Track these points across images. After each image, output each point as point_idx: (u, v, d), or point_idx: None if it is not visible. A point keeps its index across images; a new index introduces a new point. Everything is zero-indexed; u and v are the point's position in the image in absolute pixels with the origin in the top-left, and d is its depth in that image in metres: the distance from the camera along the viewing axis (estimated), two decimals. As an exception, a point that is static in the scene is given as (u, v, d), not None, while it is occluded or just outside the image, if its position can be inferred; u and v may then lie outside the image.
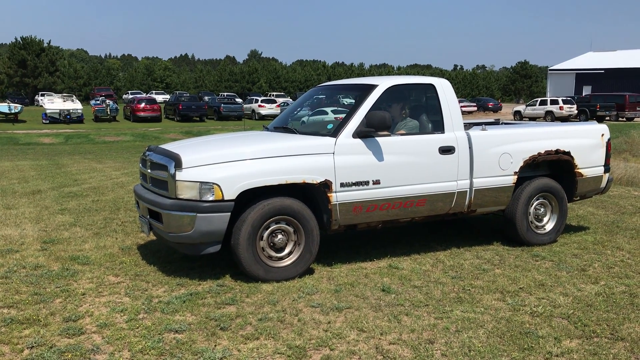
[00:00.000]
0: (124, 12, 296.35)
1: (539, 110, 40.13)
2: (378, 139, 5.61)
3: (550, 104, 40.35)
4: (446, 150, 5.92)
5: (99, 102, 41.61)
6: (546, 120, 37.95)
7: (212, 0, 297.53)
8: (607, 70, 57.58)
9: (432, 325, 4.28)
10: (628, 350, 3.90)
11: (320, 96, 7.78)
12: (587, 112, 38.98)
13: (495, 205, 6.40)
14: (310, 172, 5.25)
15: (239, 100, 53.91)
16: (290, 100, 55.80)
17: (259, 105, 45.52)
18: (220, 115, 42.85)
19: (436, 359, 3.76)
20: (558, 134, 6.71)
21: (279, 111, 45.85)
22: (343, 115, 5.92)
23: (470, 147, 6.06)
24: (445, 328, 4.23)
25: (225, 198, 4.97)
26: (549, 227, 6.70)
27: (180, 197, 5.03)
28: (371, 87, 5.89)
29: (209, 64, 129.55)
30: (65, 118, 35.22)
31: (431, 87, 6.13)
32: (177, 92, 61.92)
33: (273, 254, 5.27)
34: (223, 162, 5.09)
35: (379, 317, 4.43)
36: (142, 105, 39.82)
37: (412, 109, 6.26)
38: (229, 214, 5.02)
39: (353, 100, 6.11)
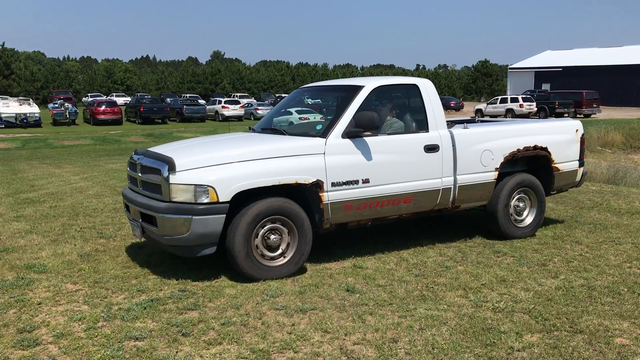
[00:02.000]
0: (82, 12, 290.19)
1: (500, 108, 40.87)
2: (366, 139, 5.72)
3: (511, 102, 41.14)
4: (431, 148, 6.07)
5: (57, 105, 40.59)
6: (506, 118, 38.64)
7: (174, 1, 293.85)
8: (564, 68, 59.02)
9: (396, 324, 4.29)
10: (587, 343, 3.97)
11: (305, 97, 7.93)
12: (546, 110, 39.87)
13: (477, 200, 6.58)
14: (302, 172, 5.34)
15: (202, 101, 53.35)
16: (254, 101, 55.48)
17: (223, 107, 45.14)
18: (183, 117, 42.34)
19: (400, 358, 3.77)
20: (535, 131, 6.92)
21: (243, 112, 45.64)
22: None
23: (454, 145, 6.23)
24: (409, 326, 4.24)
25: (220, 200, 5.02)
26: (529, 220, 6.91)
27: (175, 200, 5.05)
28: (357, 88, 5.99)
29: (171, 65, 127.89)
30: (21, 122, 34.27)
31: (415, 87, 6.28)
32: (139, 94, 60.84)
33: (267, 253, 5.33)
34: (216, 164, 5.13)
35: (343, 318, 4.41)
36: (103, 108, 39.06)
37: (397, 108, 6.39)
38: (224, 215, 5.06)
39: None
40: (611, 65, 55.81)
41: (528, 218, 6.92)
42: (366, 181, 5.66)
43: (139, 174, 5.55)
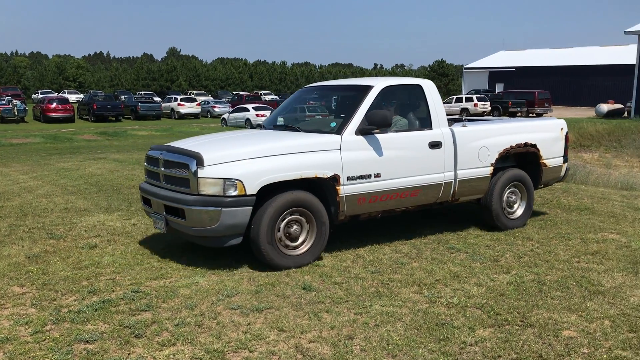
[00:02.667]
0: (32, 6, 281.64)
1: (455, 107, 41.54)
2: (377, 135, 6.05)
3: (465, 101, 41.87)
4: (435, 145, 6.44)
5: (4, 102, 39.27)
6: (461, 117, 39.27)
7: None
8: (517, 68, 60.42)
9: (351, 321, 4.30)
10: (536, 336, 4.07)
11: (313, 96, 8.36)
12: (499, 109, 40.73)
13: (475, 194, 7.00)
14: (321, 167, 5.66)
15: (157, 99, 52.54)
16: (212, 98, 54.90)
17: (179, 104, 44.56)
18: (138, 114, 41.61)
19: (355, 355, 3.78)
20: (526, 129, 7.40)
21: (200, 110, 45.11)
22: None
23: (454, 142, 6.61)
24: (365, 323, 4.26)
25: (248, 193, 5.30)
26: (519, 212, 7.36)
27: (203, 193, 5.29)
28: (368, 88, 6.32)
29: (125, 62, 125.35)
30: (-33, 119, 33.05)
31: (419, 87, 6.65)
32: (92, 91, 59.50)
33: (289, 243, 5.64)
34: (243, 159, 5.41)
35: (299, 316, 4.40)
36: (54, 105, 38.05)
37: (402, 107, 6.73)
38: (251, 207, 5.34)
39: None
40: (562, 66, 57.43)
41: (519, 210, 7.36)
42: (378, 175, 6.01)
43: (162, 169, 5.75)
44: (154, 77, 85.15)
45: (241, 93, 62.85)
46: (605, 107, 33.58)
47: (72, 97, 58.99)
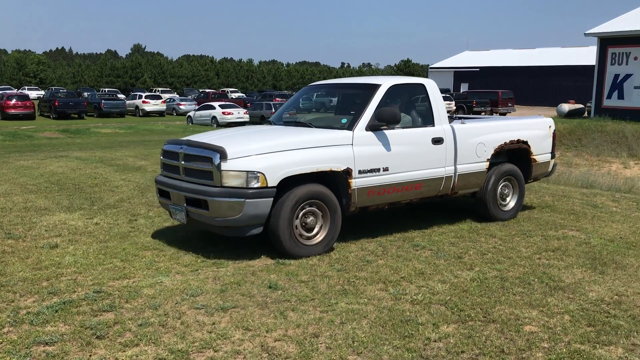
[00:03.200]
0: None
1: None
2: (385, 131, 6.39)
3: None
4: (437, 140, 6.84)
5: (-39, 98, 38.11)
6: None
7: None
8: (482, 68, 61.35)
9: (317, 319, 4.31)
10: (499, 331, 4.14)
11: (319, 94, 8.68)
12: (464, 108, 41.29)
13: (472, 187, 7.40)
14: (335, 161, 5.97)
15: (121, 96, 51.59)
16: (177, 96, 54.27)
17: (143, 101, 43.92)
18: (101, 111, 40.86)
19: (321, 353, 3.78)
20: (518, 126, 7.91)
21: (165, 107, 44.55)
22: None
23: (455, 138, 7.01)
24: (330, 321, 4.27)
25: (269, 185, 5.58)
26: (511, 205, 7.83)
27: (227, 185, 5.53)
28: (376, 86, 6.66)
29: (88, 58, 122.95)
30: None
31: (422, 86, 7.03)
32: (53, 87, 58.06)
33: (304, 233, 5.91)
34: (264, 153, 5.68)
35: (265, 315, 4.39)
36: (13, 101, 37.03)
37: (408, 105, 7.04)
38: (272, 198, 5.61)
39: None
40: (525, 66, 58.55)
41: (511, 203, 7.83)
42: (386, 169, 6.36)
43: (182, 162, 5.96)
44: (118, 74, 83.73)
45: (207, 90, 62.20)
46: (566, 107, 34.35)
47: (33, 94, 57.56)
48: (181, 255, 5.88)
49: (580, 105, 35.34)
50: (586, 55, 50.97)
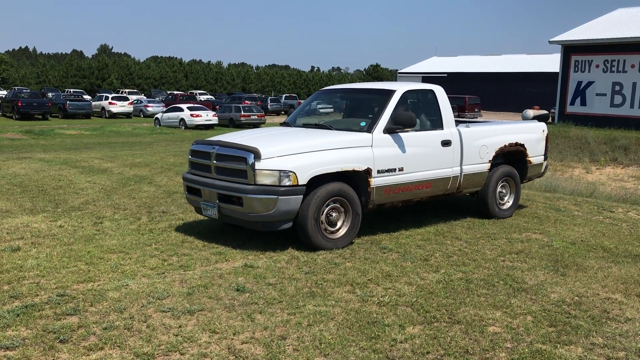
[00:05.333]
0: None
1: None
2: (400, 134, 6.84)
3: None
4: (446, 143, 7.32)
5: None
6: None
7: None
8: (449, 74, 62.18)
9: (285, 321, 4.31)
10: (463, 332, 4.21)
11: (334, 98, 9.26)
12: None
13: (475, 187, 7.88)
14: (357, 161, 6.40)
15: (87, 97, 50.67)
16: (144, 97, 53.56)
17: (110, 103, 43.24)
18: (67, 112, 40.04)
19: (288, 355, 3.79)
20: (516, 130, 8.41)
21: (132, 109, 43.94)
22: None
23: (461, 141, 7.49)
24: (298, 323, 4.28)
25: (299, 183, 5.98)
26: (509, 204, 8.34)
27: (261, 183, 5.92)
28: (391, 92, 7.09)
29: (53, 58, 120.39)
30: None
31: (432, 92, 7.51)
32: (16, 87, 56.70)
33: (329, 228, 6.33)
34: (293, 153, 6.08)
35: (232, 317, 4.37)
36: (-26, 101, 35.98)
37: (418, 109, 7.47)
38: (302, 196, 6.02)
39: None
40: (491, 72, 59.54)
41: (508, 202, 8.34)
42: (401, 169, 6.81)
43: (215, 162, 6.32)
44: (84, 74, 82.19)
45: (175, 92, 61.61)
46: (531, 113, 34.88)
47: (-5, 94, 56.08)
48: (147, 258, 5.82)
49: (545, 111, 35.92)
50: (550, 63, 52.15)
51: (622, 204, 10.62)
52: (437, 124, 7.38)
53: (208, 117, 34.78)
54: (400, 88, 7.17)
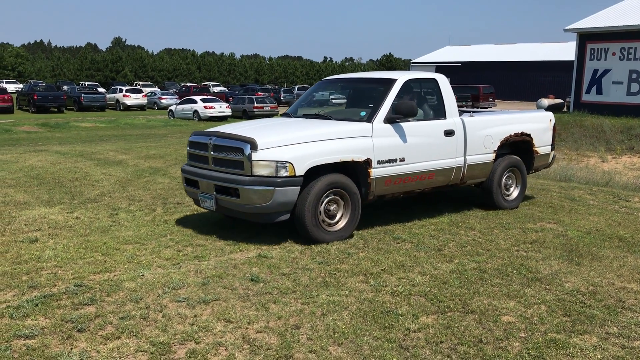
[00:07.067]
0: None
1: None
2: (402, 124, 6.69)
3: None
4: (449, 133, 7.17)
5: (-62, 91, 37.40)
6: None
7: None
8: (463, 63, 61.70)
9: (298, 310, 4.34)
10: (477, 322, 4.22)
11: (335, 88, 8.89)
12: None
13: (479, 177, 7.74)
14: (356, 151, 6.26)
15: (101, 89, 51.10)
16: (158, 90, 53.82)
17: (124, 95, 43.54)
18: (81, 105, 40.41)
19: (302, 344, 3.82)
20: (522, 120, 8.25)
21: (146, 101, 44.18)
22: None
23: (465, 131, 7.34)
24: (312, 312, 4.31)
25: (297, 174, 5.88)
26: (515, 194, 8.18)
27: (257, 174, 5.83)
28: (392, 81, 6.94)
29: (68, 52, 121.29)
30: None
31: (434, 81, 7.35)
32: (32, 81, 57.27)
33: (327, 220, 6.21)
34: (291, 144, 5.95)
35: (246, 307, 4.41)
36: (-9, 95, 36.41)
37: (421, 98, 7.37)
38: (299, 187, 5.92)
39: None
40: (506, 61, 58.98)
41: (514, 192, 8.17)
42: (402, 160, 6.67)
43: (212, 153, 6.23)
44: (98, 67, 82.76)
45: (189, 84, 61.85)
46: (545, 102, 34.69)
47: (11, 87, 56.70)
48: (162, 249, 5.88)
49: (560, 100, 35.73)
50: (566, 51, 51.50)
51: (639, 193, 10.51)
52: (440, 113, 7.24)
53: (221, 108, 34.89)
54: (401, 77, 7.02)
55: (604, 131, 22.42)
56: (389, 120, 6.60)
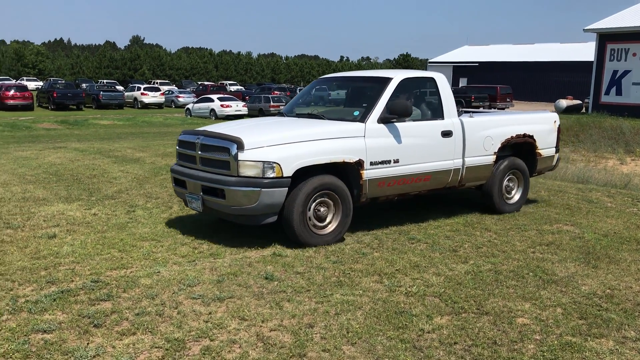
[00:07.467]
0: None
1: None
2: (397, 124, 6.51)
3: (430, 95, 42.28)
4: (446, 133, 6.97)
5: (-40, 88, 37.98)
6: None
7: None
8: (481, 63, 61.29)
9: (312, 309, 4.36)
10: (491, 323, 4.20)
11: (331, 86, 8.73)
12: (462, 103, 41.22)
13: (479, 180, 7.53)
14: (348, 152, 6.09)
15: (120, 87, 51.49)
16: (176, 88, 54.17)
17: (142, 93, 43.84)
18: (100, 103, 40.76)
19: (315, 343, 3.84)
20: (524, 121, 8.01)
21: (163, 100, 44.50)
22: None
23: (463, 131, 7.13)
24: (325, 312, 4.32)
25: (284, 175, 5.71)
26: (516, 198, 7.96)
27: (244, 175, 5.67)
28: (388, 80, 6.75)
29: (87, 50, 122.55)
30: None
31: (432, 80, 7.12)
32: (52, 78, 57.94)
33: (317, 222, 6.04)
34: (279, 144, 5.80)
35: (260, 305, 4.44)
36: (12, 92, 36.90)
37: (418, 98, 7.17)
38: (287, 188, 5.75)
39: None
40: (524, 61, 58.52)
41: (516, 196, 7.95)
42: (396, 161, 6.48)
43: (199, 152, 6.08)
44: (116, 65, 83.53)
45: (206, 83, 62.09)
46: (564, 103, 34.38)
47: (31, 85, 57.43)
48: (178, 246, 5.92)
49: (578, 101, 35.37)
50: (585, 51, 50.96)
51: (658, 196, 10.37)
52: (438, 113, 7.01)
53: (238, 107, 35.04)
54: (397, 76, 6.81)
55: (623, 133, 22.15)
56: (383, 120, 6.41)
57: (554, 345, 3.87)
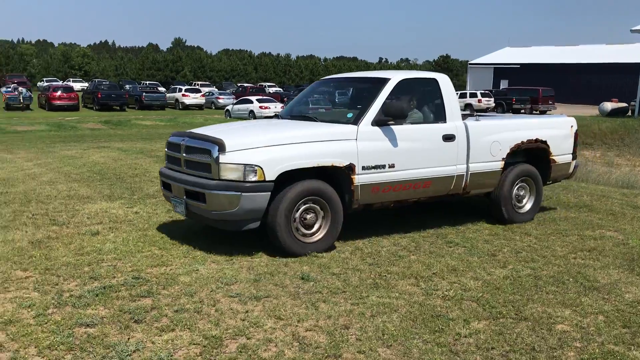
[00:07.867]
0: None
1: (459, 102, 41.49)
2: (393, 127, 6.19)
3: (470, 97, 41.82)
4: (448, 138, 6.58)
5: (10, 89, 39.37)
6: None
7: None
8: (522, 65, 60.22)
9: (348, 311, 4.37)
10: (530, 329, 4.13)
11: (330, 88, 8.38)
12: (503, 105, 40.67)
13: (485, 187, 7.13)
14: (337, 156, 5.79)
15: (162, 89, 52.50)
16: (216, 90, 54.89)
17: (183, 95, 44.60)
18: (142, 104, 41.66)
19: (351, 344, 3.84)
20: (537, 125, 7.55)
21: (204, 101, 45.16)
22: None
23: (468, 136, 6.75)
24: (361, 313, 4.32)
25: (267, 179, 5.46)
26: (528, 207, 7.47)
27: (224, 178, 5.45)
28: (385, 80, 6.45)
29: (130, 52, 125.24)
30: (-28, 106, 33.12)
31: (434, 81, 6.76)
32: (97, 80, 59.43)
33: (304, 230, 5.77)
34: (262, 146, 5.56)
35: (296, 305, 4.47)
36: (59, 93, 38.10)
37: (419, 100, 6.82)
38: (270, 193, 5.50)
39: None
40: (567, 63, 57.25)
41: (527, 205, 7.47)
42: (392, 166, 6.15)
43: (184, 154, 5.92)
44: (159, 67, 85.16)
45: (245, 85, 62.80)
46: (609, 106, 33.50)
47: (77, 86, 58.98)
48: (217, 245, 6.01)
49: (624, 104, 34.41)
50: (631, 53, 49.55)
51: None
52: (440, 116, 6.64)
53: (276, 109, 35.25)
54: (395, 76, 6.49)
55: (672, 137, 21.43)
56: (378, 122, 6.09)
57: (595, 354, 3.78)
